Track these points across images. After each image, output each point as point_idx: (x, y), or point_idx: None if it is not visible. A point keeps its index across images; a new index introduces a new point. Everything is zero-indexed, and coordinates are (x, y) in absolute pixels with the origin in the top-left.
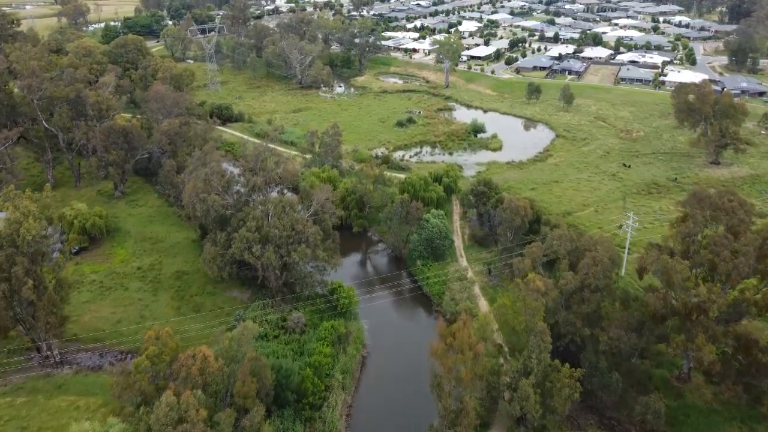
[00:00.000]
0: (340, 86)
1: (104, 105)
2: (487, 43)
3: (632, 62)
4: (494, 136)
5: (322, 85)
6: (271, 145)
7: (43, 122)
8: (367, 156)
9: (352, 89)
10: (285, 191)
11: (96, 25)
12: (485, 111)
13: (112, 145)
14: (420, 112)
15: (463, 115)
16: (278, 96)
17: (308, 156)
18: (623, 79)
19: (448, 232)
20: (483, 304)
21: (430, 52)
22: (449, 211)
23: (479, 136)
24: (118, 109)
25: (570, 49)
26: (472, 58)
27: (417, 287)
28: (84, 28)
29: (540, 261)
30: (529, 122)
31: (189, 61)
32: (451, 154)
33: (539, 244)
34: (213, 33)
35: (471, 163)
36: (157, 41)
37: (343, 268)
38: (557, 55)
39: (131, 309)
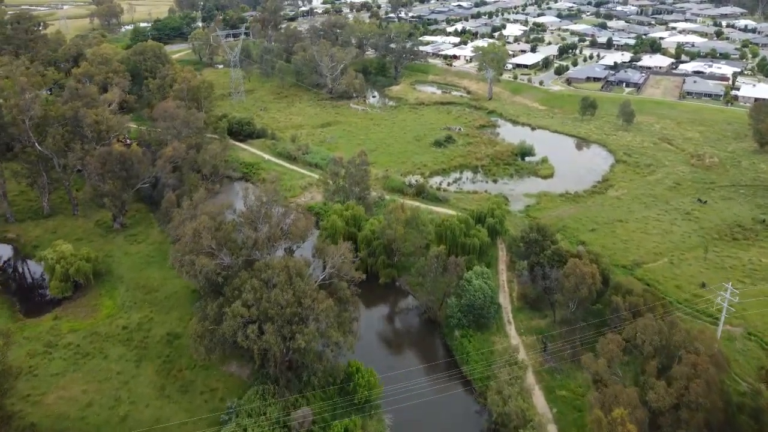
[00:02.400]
0: (374, 96)
1: (104, 125)
2: (534, 50)
3: (697, 73)
4: (544, 161)
5: (354, 95)
6: (283, 195)
7: (36, 144)
8: (399, 184)
9: (386, 100)
10: (294, 247)
11: (128, 27)
12: (533, 128)
13: (108, 173)
14: (460, 129)
15: (509, 133)
16: (306, 107)
17: (330, 181)
18: (689, 93)
19: (494, 295)
20: (539, 399)
21: (471, 60)
22: (494, 257)
23: (527, 159)
24: (119, 130)
25: (626, 56)
26: (518, 66)
27: (455, 364)
28: (119, 29)
29: (618, 361)
30: (584, 143)
31: (218, 66)
32: (495, 181)
33: (616, 338)
34: (239, 38)
35: (518, 193)
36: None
37: (364, 329)
38: (612, 63)
39: (107, 387)
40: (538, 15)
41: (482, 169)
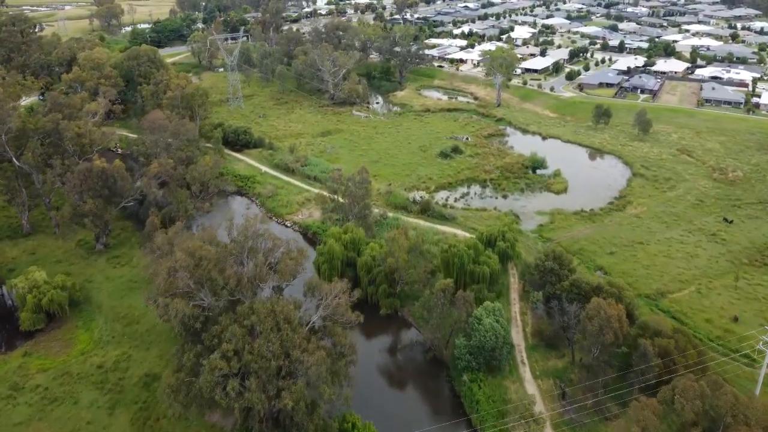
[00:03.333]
0: (377, 102)
1: (86, 139)
2: (543, 53)
3: (714, 78)
4: (557, 174)
5: (357, 101)
6: (271, 222)
7: (14, 159)
8: (403, 200)
9: (391, 106)
10: (283, 285)
11: (128, 28)
12: (544, 138)
13: (88, 191)
14: (467, 139)
15: (519, 143)
16: (306, 114)
17: (329, 200)
18: (707, 101)
19: (507, 335)
20: None
21: (479, 64)
22: (505, 285)
23: (539, 172)
24: (103, 144)
25: (639, 61)
26: (528, 71)
27: (463, 412)
28: (119, 31)
29: (654, 429)
30: (598, 154)
31: (219, 69)
32: (505, 197)
33: (652, 403)
34: (238, 41)
35: (530, 211)
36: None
37: (362, 368)
38: (625, 68)
39: None
40: (547, 17)
41: (491, 183)
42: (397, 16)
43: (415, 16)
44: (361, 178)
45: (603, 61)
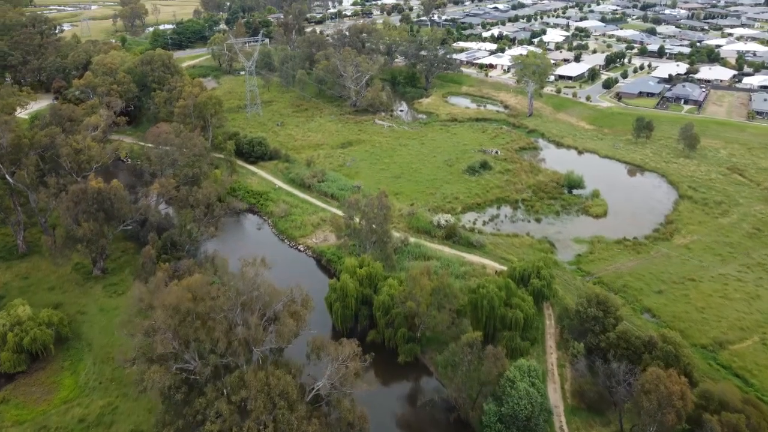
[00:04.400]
0: (401, 110)
1: (84, 156)
2: (578, 59)
3: (765, 88)
4: (596, 195)
5: (380, 109)
6: (266, 274)
7: (7, 177)
8: (426, 223)
9: (415, 114)
10: (283, 346)
11: (151, 29)
12: (580, 152)
13: (82, 214)
14: (497, 152)
15: (552, 158)
16: (326, 123)
17: (344, 227)
18: (759, 113)
19: (544, 401)
20: None
21: (509, 69)
22: (540, 329)
23: (575, 192)
24: (102, 161)
25: (681, 68)
26: (561, 77)
27: None
28: (143, 31)
29: None
30: (639, 171)
31: (240, 73)
32: (538, 221)
33: None
34: (256, 44)
35: (566, 237)
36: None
37: (376, 422)
38: (666, 76)
39: None
40: (581, 19)
41: (523, 204)
42: (424, 18)
43: (443, 17)
44: (380, 204)
45: (642, 67)
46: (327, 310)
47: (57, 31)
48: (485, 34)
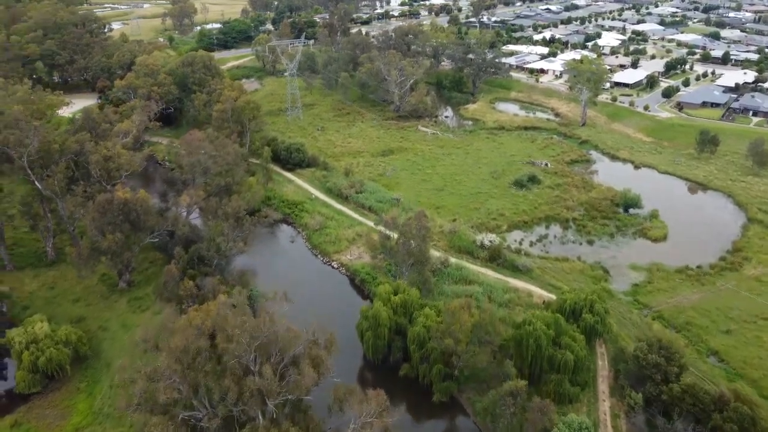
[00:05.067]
0: (446, 116)
1: (113, 163)
2: (635, 65)
3: None
4: (654, 216)
5: (424, 114)
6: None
7: (36, 183)
8: (468, 243)
9: (461, 121)
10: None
11: (199, 28)
12: (637, 167)
13: (108, 226)
14: (547, 165)
15: (606, 172)
16: (368, 128)
17: (379, 248)
18: None
19: None
20: None
21: (561, 75)
22: (592, 370)
23: (632, 212)
24: (132, 169)
25: (749, 76)
26: (617, 84)
27: None
28: (191, 30)
29: None
30: (703, 190)
31: (284, 74)
32: (591, 243)
33: None
34: (299, 46)
35: (621, 263)
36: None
37: None
38: (732, 85)
39: None
40: (638, 22)
41: (574, 223)
42: (473, 19)
43: (493, 19)
44: (419, 225)
45: (705, 75)
46: (358, 338)
47: (106, 30)
48: (536, 37)
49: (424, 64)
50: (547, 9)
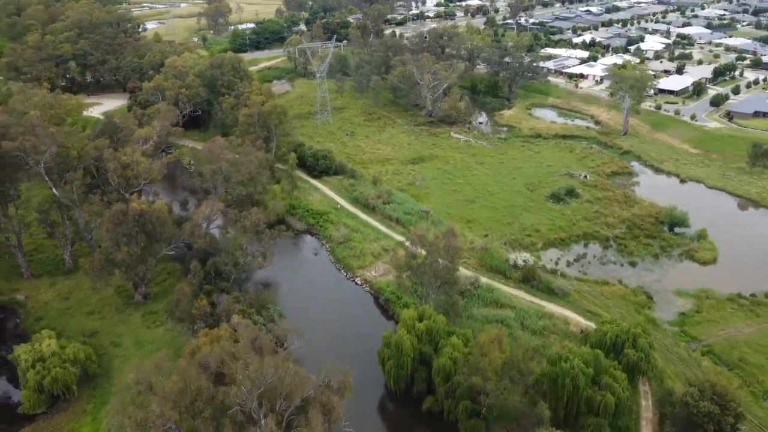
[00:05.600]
0: (480, 122)
1: (131, 171)
2: (680, 71)
3: None
4: (702, 236)
5: (457, 120)
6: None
7: (53, 190)
8: (500, 262)
9: (495, 127)
10: None
11: (241, 26)
12: (682, 181)
13: (122, 237)
14: (586, 177)
15: (649, 185)
16: (398, 134)
17: (405, 267)
18: None
19: None
20: None
21: (602, 80)
22: (634, 412)
23: (677, 230)
24: (150, 178)
25: None
26: (661, 91)
27: None
28: (226, 30)
29: None
30: (755, 207)
31: (317, 76)
32: (633, 264)
33: None
34: (329, 48)
35: (666, 288)
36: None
37: None
38: None
39: None
40: (683, 25)
41: (615, 242)
42: (510, 21)
43: (530, 20)
44: (448, 245)
45: (756, 82)
46: (379, 365)
47: (140, 30)
48: (576, 40)
49: (459, 68)
50: (588, 11)
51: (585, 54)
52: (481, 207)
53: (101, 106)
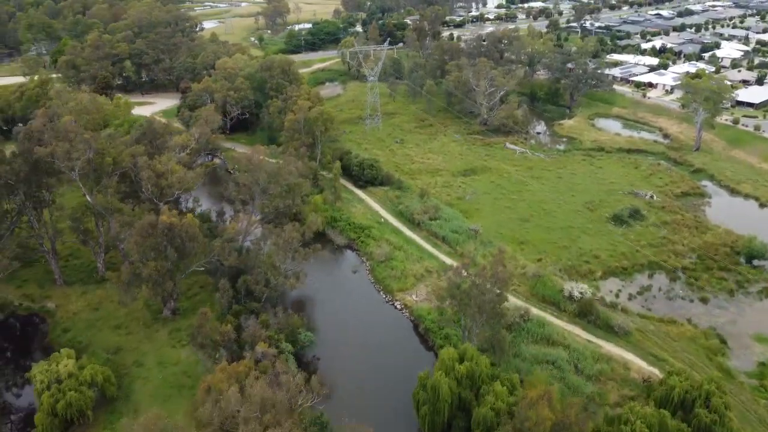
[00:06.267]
0: (538, 132)
1: (165, 181)
2: (761, 81)
3: None
4: None
5: (514, 129)
6: None
7: (87, 197)
8: (554, 292)
9: (554, 138)
10: None
11: (297, 26)
12: (762, 204)
13: (150, 252)
14: (652, 197)
15: (724, 209)
16: (450, 143)
17: (447, 297)
18: None
19: None
20: None
21: (673, 90)
22: None
23: (756, 263)
24: (185, 187)
25: None
26: (739, 103)
27: None
28: (283, 30)
29: None
30: None
31: (371, 79)
32: (704, 301)
33: None
34: (382, 51)
35: (743, 332)
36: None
37: None
38: None
39: None
40: (763, 30)
41: (684, 273)
42: (574, 24)
43: (596, 24)
44: (495, 275)
45: None
46: (413, 408)
47: (197, 30)
48: (645, 46)
49: (517, 75)
50: (658, 14)
51: (654, 61)
52: (535, 227)
53: (154, 106)
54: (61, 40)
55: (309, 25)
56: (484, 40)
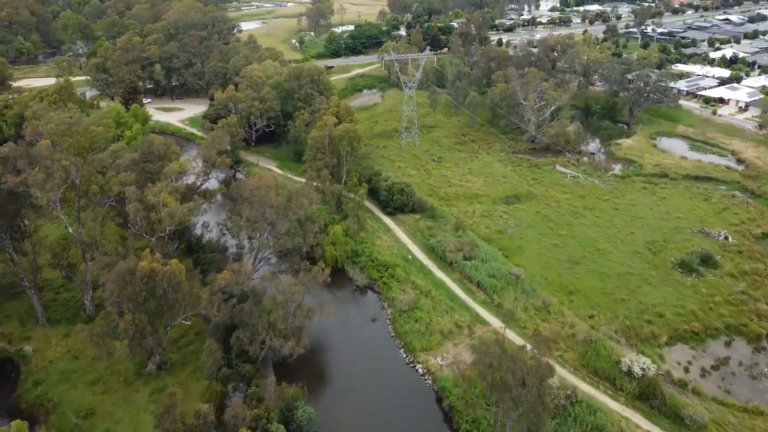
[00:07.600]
0: (592, 152)
1: (155, 215)
2: None
3: None
4: None
5: (565, 149)
6: None
7: (69, 229)
8: (609, 365)
9: (611, 160)
10: None
11: (339, 28)
12: None
13: (128, 302)
14: (727, 238)
15: None
16: (493, 163)
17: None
18: None
19: None
20: None
21: (748, 107)
22: None
23: None
24: (175, 224)
25: None
26: None
27: None
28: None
29: None
30: None
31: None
32: None
33: None
34: (421, 59)
35: None
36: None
37: None
38: None
39: None
40: None
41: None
42: (633, 29)
43: (658, 30)
44: (538, 368)
45: None
46: None
47: (235, 32)
48: (713, 55)
49: (571, 89)
50: (726, 20)
51: (725, 73)
52: (587, 272)
53: (182, 112)
54: (98, 41)
55: (351, 28)
56: (534, 46)
